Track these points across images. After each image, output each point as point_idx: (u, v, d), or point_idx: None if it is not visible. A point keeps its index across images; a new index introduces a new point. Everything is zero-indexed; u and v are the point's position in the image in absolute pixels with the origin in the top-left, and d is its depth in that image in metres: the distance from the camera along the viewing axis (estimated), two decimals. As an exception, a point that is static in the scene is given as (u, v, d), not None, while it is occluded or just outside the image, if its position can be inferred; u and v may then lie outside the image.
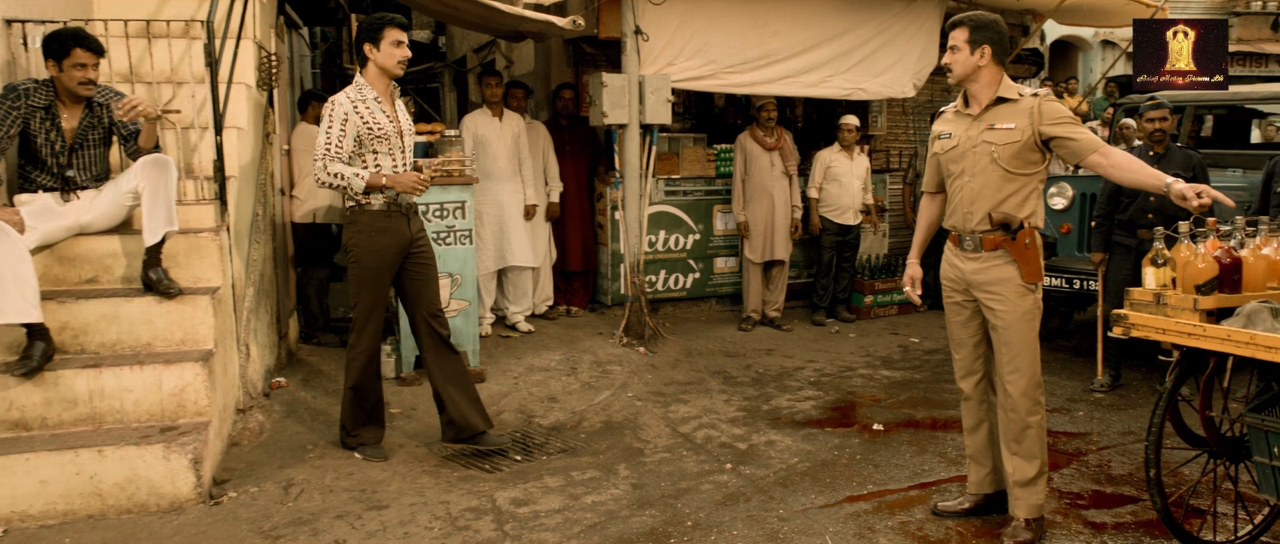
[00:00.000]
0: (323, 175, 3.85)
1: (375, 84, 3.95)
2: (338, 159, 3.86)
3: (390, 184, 3.91)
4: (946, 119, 3.43)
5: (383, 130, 3.92)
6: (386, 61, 3.91)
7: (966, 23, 3.23)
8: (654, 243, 7.23)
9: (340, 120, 3.86)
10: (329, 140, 3.85)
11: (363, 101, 3.90)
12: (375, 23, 3.91)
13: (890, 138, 8.94)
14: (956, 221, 3.35)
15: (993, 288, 3.26)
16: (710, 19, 6.55)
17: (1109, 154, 3.12)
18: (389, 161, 3.98)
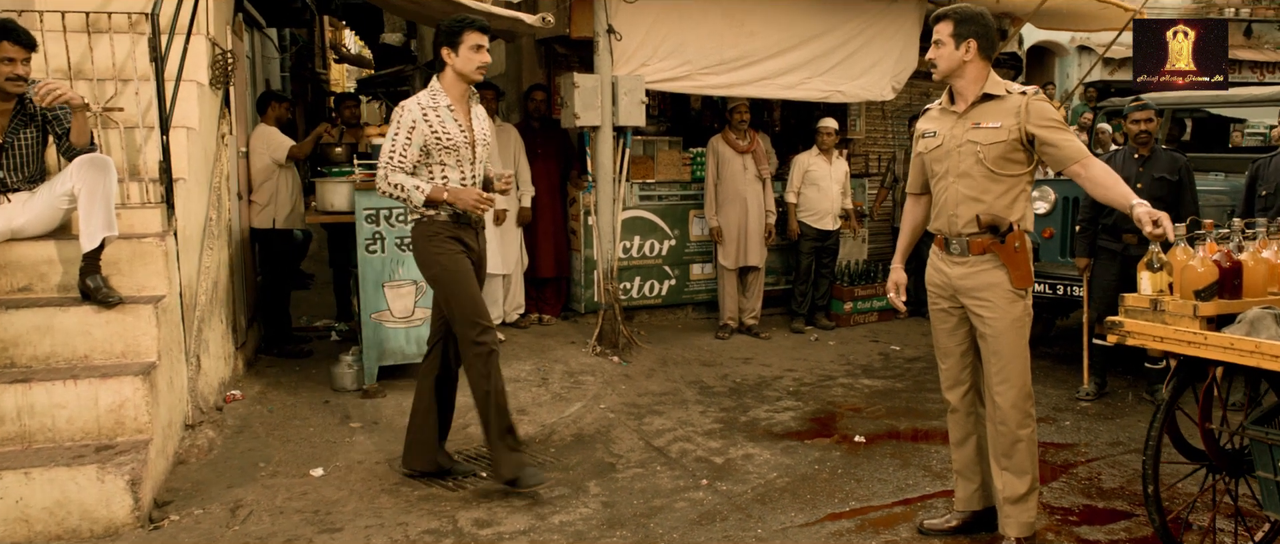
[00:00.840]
0: (383, 185, 3.60)
1: (451, 90, 3.69)
2: (400, 169, 3.59)
3: (451, 199, 3.61)
4: (931, 116, 3.27)
5: (452, 141, 3.64)
6: (465, 67, 3.63)
7: (951, 16, 3.07)
8: (628, 249, 7.03)
9: (407, 128, 3.59)
10: (393, 148, 3.58)
11: (435, 109, 3.63)
12: (454, 26, 3.62)
13: (869, 142, 8.80)
14: (942, 224, 3.18)
15: (981, 294, 3.10)
16: (685, 18, 6.38)
17: (1089, 166, 2.98)
18: (457, 174, 3.70)
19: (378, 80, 13.67)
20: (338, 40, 22.21)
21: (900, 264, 3.44)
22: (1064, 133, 2.99)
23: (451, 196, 3.62)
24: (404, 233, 5.10)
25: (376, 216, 5.05)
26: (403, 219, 5.11)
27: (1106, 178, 2.96)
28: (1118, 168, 5.13)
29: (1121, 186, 2.93)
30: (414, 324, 5.19)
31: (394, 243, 5.09)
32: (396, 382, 5.37)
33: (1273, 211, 4.93)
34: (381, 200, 5.04)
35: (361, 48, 20.66)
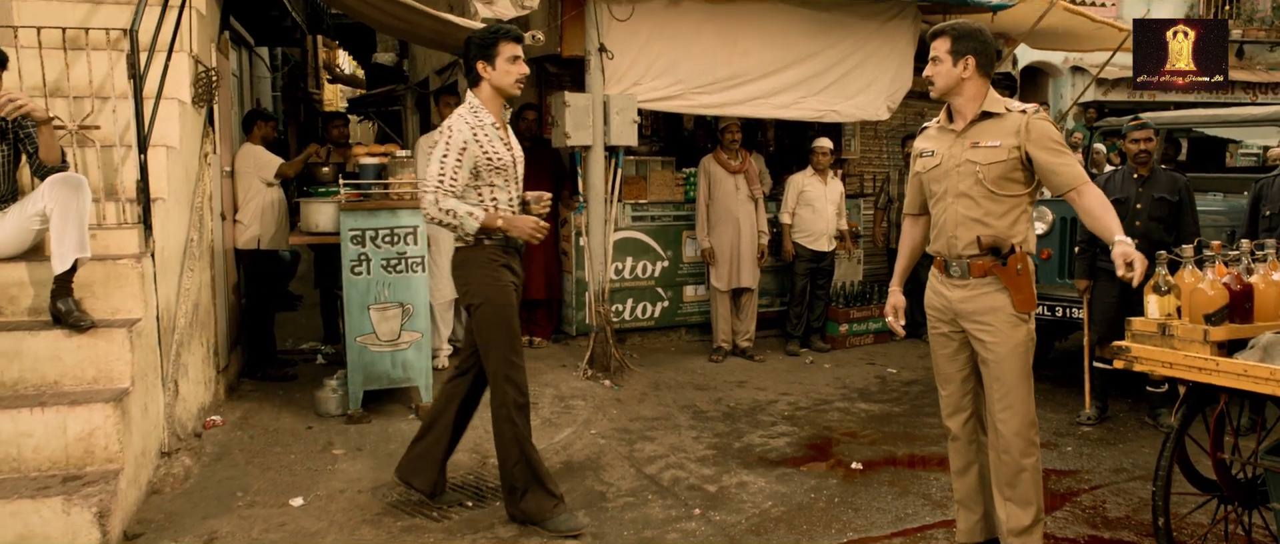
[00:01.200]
0: (433, 210, 3.33)
1: (490, 106, 3.47)
2: (452, 193, 3.34)
3: (506, 227, 3.41)
4: (929, 135, 3.18)
5: (501, 161, 3.44)
6: (503, 80, 3.43)
7: (949, 32, 2.98)
8: (620, 270, 6.92)
9: (458, 149, 3.34)
10: (443, 171, 3.33)
11: (481, 127, 3.40)
12: (488, 37, 3.41)
13: (863, 162, 8.73)
14: (941, 246, 3.09)
15: (982, 318, 2.99)
16: (678, 37, 6.31)
17: (1084, 193, 2.89)
18: (504, 196, 3.50)
19: (368, 100, 13.59)
20: (332, 60, 22.17)
21: (898, 287, 3.34)
22: (1063, 156, 2.91)
23: (506, 224, 3.40)
24: (389, 254, 4.99)
25: (362, 237, 4.94)
26: (389, 240, 5.00)
27: (1098, 207, 2.87)
28: (1117, 188, 5.05)
29: (1110, 219, 2.84)
30: (400, 348, 5.07)
31: (380, 264, 4.98)
32: (382, 406, 5.24)
33: (1278, 233, 4.84)
34: (367, 220, 4.93)
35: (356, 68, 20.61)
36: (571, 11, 6.08)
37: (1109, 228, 2.82)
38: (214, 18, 5.55)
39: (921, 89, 8.78)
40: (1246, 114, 6.93)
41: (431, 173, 3.37)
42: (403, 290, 5.05)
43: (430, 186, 3.36)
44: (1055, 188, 2.93)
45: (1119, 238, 2.76)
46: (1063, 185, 2.90)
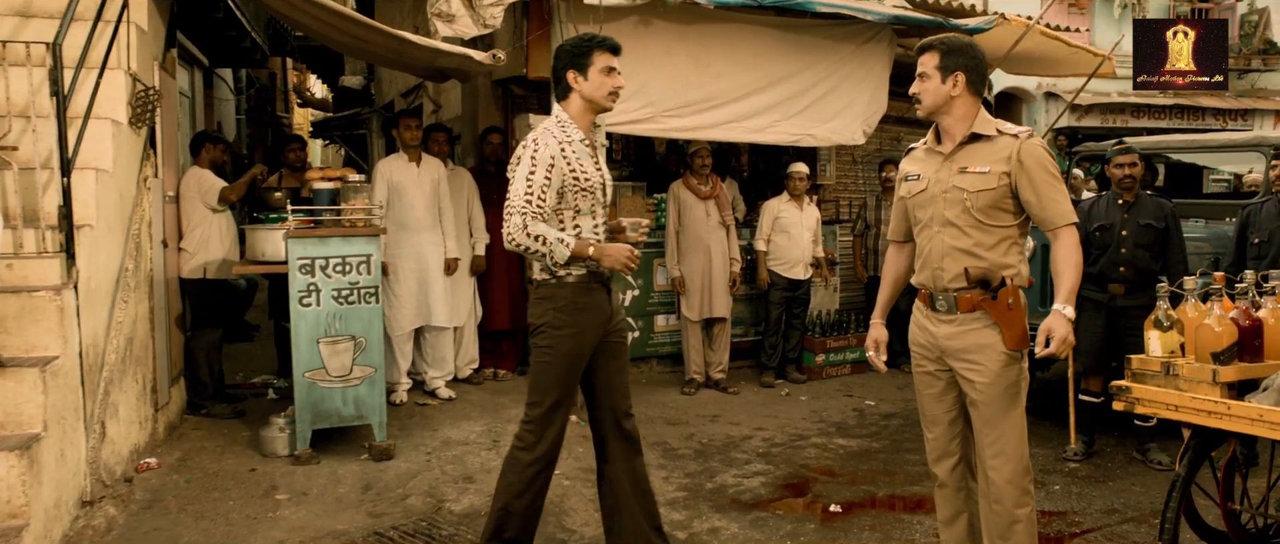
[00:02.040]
0: (519, 236, 2.93)
1: (579, 121, 3.14)
2: (540, 216, 2.96)
3: (597, 257, 3.02)
4: (915, 157, 2.96)
5: (590, 182, 3.09)
6: (596, 93, 3.10)
7: (938, 47, 2.78)
8: (589, 299, 6.64)
9: (545, 165, 2.98)
10: (530, 190, 2.95)
11: (569, 143, 3.07)
12: (581, 45, 3.10)
13: (840, 188, 8.55)
14: (927, 278, 2.86)
15: (970, 356, 2.76)
16: (648, 59, 6.09)
17: (1063, 238, 2.70)
18: (590, 222, 3.13)
19: (333, 123, 13.30)
20: (303, 84, 21.84)
21: (881, 319, 3.11)
22: (1055, 187, 2.69)
23: (598, 253, 3.01)
24: (341, 283, 4.70)
25: (311, 266, 4.65)
26: (341, 270, 4.71)
27: (1066, 258, 2.68)
28: (1101, 214, 4.88)
29: (1068, 277, 2.65)
30: (352, 384, 4.77)
31: (331, 295, 4.69)
32: (332, 446, 4.92)
33: (1267, 261, 4.69)
34: (317, 248, 4.65)
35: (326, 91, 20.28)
36: (537, 31, 5.85)
37: (1060, 286, 2.65)
38: (158, 34, 5.27)
39: (898, 114, 8.70)
40: (1226, 139, 6.84)
41: (516, 192, 2.97)
42: (355, 322, 4.76)
43: (516, 207, 2.96)
44: (1041, 221, 2.72)
45: (1058, 305, 2.60)
46: (1049, 220, 2.70)
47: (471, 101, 7.19)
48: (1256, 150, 6.23)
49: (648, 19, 6.07)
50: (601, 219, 3.20)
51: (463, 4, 5.21)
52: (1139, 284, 4.77)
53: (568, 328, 3.06)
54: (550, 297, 3.10)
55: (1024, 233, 2.78)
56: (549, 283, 3.11)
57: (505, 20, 6.25)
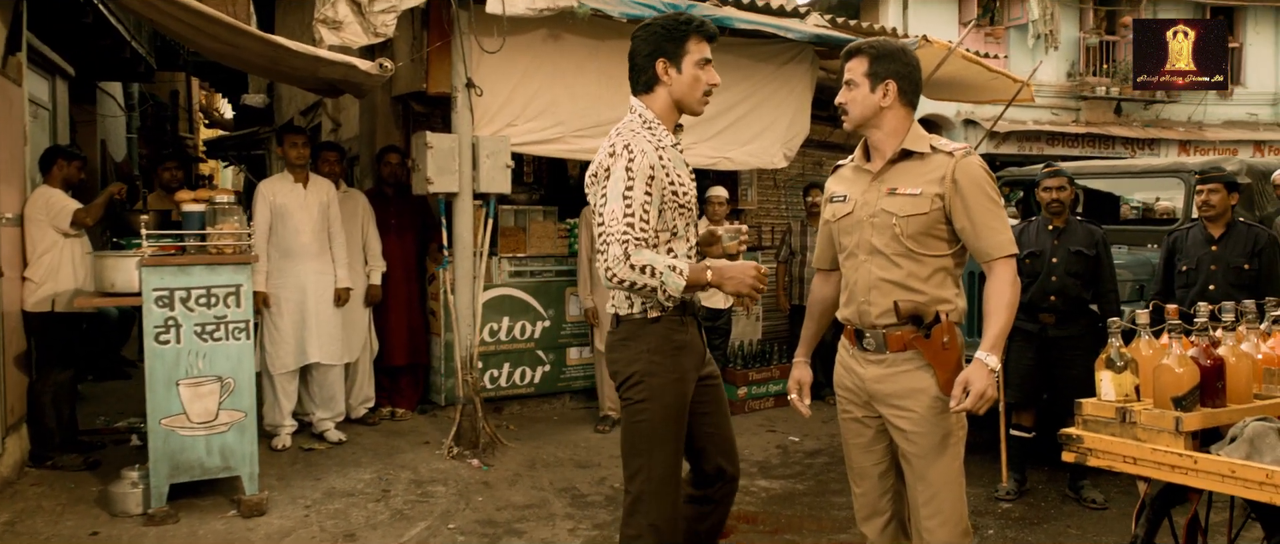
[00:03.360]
0: (621, 270, 2.37)
1: (666, 121, 2.58)
2: (645, 241, 2.40)
3: (717, 282, 2.45)
4: (842, 176, 2.64)
5: (689, 197, 2.55)
6: (689, 92, 2.55)
7: (866, 51, 2.46)
8: (496, 331, 6.20)
9: (645, 177, 2.41)
10: (630, 210, 2.38)
11: (664, 149, 2.51)
12: (676, 27, 2.51)
13: (762, 213, 8.29)
14: (852, 313, 2.52)
15: (901, 402, 2.42)
16: (558, 75, 5.72)
17: (1000, 272, 2.36)
18: (684, 242, 2.59)
19: (229, 142, 12.56)
20: (213, 104, 20.85)
21: (804, 358, 2.76)
22: (989, 213, 2.37)
23: (718, 277, 2.44)
24: (205, 318, 4.16)
25: (170, 299, 4.10)
26: (206, 302, 4.17)
27: (1000, 295, 2.35)
28: (1031, 240, 4.65)
29: (995, 323, 2.32)
30: (218, 430, 4.22)
31: (193, 331, 4.15)
32: (195, 501, 4.36)
33: (1196, 289, 4.52)
34: (177, 278, 4.11)
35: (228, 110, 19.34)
36: (437, 42, 5.42)
37: (987, 329, 2.33)
38: (-2, 37, 4.67)
39: (821, 137, 8.50)
40: (1147, 165, 6.78)
41: (612, 215, 2.40)
42: (222, 361, 4.22)
43: (614, 234, 2.38)
44: (976, 252, 2.40)
45: (981, 353, 2.28)
46: (984, 251, 2.38)
47: (370, 119, 6.70)
48: (1177, 176, 6.16)
49: (558, 33, 5.70)
50: (693, 243, 2.65)
51: (351, 10, 4.76)
52: (1070, 314, 4.55)
53: (666, 373, 2.50)
54: (637, 336, 2.52)
55: (961, 262, 2.46)
56: (633, 318, 2.53)
57: (403, 30, 5.82)
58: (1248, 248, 4.45)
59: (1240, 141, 15.85)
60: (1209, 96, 16.22)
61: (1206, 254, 4.53)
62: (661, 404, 2.51)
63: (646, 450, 2.52)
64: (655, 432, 2.52)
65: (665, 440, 2.53)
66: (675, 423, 2.55)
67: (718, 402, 2.74)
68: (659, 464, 2.52)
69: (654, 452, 2.52)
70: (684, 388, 2.56)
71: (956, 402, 2.26)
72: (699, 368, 2.64)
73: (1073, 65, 15.69)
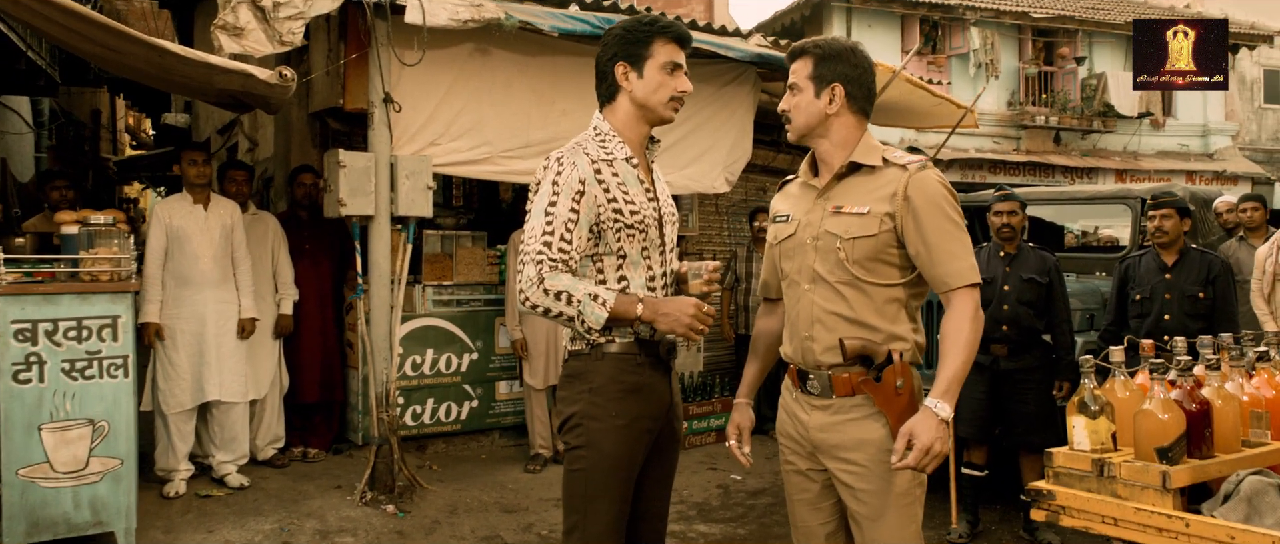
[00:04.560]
0: (533, 293, 2.13)
1: (627, 133, 2.30)
2: (564, 265, 2.16)
3: (649, 318, 2.15)
4: (788, 193, 2.34)
5: (639, 216, 2.25)
6: (653, 96, 2.27)
7: (810, 51, 2.17)
8: (419, 365, 5.79)
9: (571, 193, 2.18)
10: (550, 229, 2.16)
11: (610, 163, 2.25)
12: (638, 30, 2.27)
13: (703, 240, 8.01)
14: (794, 350, 2.21)
15: (848, 455, 2.11)
16: (485, 92, 5.37)
17: (956, 305, 2.08)
18: (643, 270, 2.29)
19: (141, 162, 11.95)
20: (142, 125, 20.04)
21: (746, 399, 2.43)
22: (947, 235, 2.07)
23: (651, 312, 2.15)
24: (75, 353, 3.70)
25: (32, 333, 3.64)
26: (76, 336, 3.71)
27: (953, 336, 2.06)
28: (982, 267, 4.37)
29: (950, 363, 2.03)
30: (87, 481, 3.75)
31: (60, 368, 3.68)
32: (61, 563, 3.86)
33: (1151, 318, 4.32)
34: (41, 309, 3.65)
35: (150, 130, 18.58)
36: (355, 53, 5.04)
37: (941, 370, 2.03)
38: None
39: (764, 162, 8.28)
40: (1094, 191, 6.70)
41: (531, 232, 2.18)
42: (94, 403, 3.76)
43: (529, 253, 2.16)
44: (933, 280, 2.10)
45: (931, 401, 1.99)
46: (941, 279, 2.08)
47: (284, 137, 6.28)
48: (1123, 203, 6.04)
49: (485, 47, 5.36)
50: (663, 269, 2.34)
51: (253, 15, 4.37)
52: (1022, 345, 4.33)
53: (609, 417, 2.21)
54: (582, 374, 2.25)
55: (918, 293, 2.16)
56: (582, 355, 2.26)
57: (319, 42, 5.46)
58: (1202, 276, 4.28)
59: (1173, 171, 16.18)
60: (1143, 126, 16.58)
61: (1160, 282, 4.35)
62: (600, 453, 2.21)
63: (582, 505, 2.23)
64: (592, 484, 2.22)
65: (603, 494, 2.22)
66: (617, 475, 2.23)
67: (664, 474, 2.40)
68: (594, 521, 2.22)
69: (590, 507, 2.22)
70: (631, 436, 2.24)
71: (898, 456, 1.95)
72: (659, 418, 2.31)
73: (1013, 94, 15.85)
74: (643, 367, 2.25)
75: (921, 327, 2.16)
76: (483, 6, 4.95)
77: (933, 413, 1.95)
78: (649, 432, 2.27)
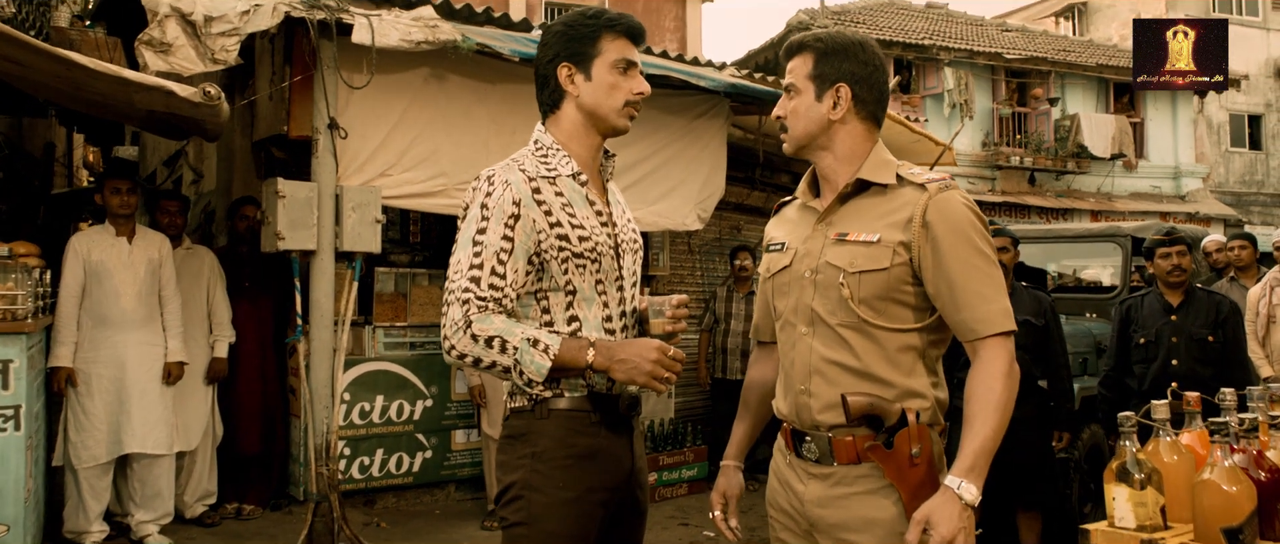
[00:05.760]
0: (459, 340, 1.75)
1: (574, 146, 1.95)
2: (496, 303, 1.79)
3: (602, 365, 1.77)
4: (785, 217, 2.00)
5: (590, 243, 1.88)
6: (605, 100, 1.91)
7: (811, 46, 1.83)
8: (367, 412, 5.35)
9: (503, 216, 1.81)
10: (479, 260, 1.79)
11: (552, 181, 1.89)
12: (581, 27, 1.93)
13: (675, 280, 7.65)
14: (788, 407, 1.84)
15: (852, 538, 1.74)
16: (440, 121, 5.02)
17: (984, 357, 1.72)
18: (597, 308, 1.90)
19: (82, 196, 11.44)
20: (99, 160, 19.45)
21: (734, 462, 2.04)
22: (975, 272, 1.70)
23: (604, 358, 1.77)
24: (-41, 405, 3.25)
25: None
26: (-37, 383, 3.27)
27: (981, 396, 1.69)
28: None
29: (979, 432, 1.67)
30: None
31: None
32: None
33: (1157, 364, 4.02)
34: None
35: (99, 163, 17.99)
36: (300, 76, 4.67)
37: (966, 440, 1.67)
38: None
39: (738, 200, 7.98)
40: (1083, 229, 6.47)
41: (456, 267, 1.82)
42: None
43: (454, 292, 1.78)
44: (956, 326, 1.73)
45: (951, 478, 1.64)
46: (966, 326, 1.70)
47: (227, 167, 5.88)
48: (1113, 240, 5.79)
49: (442, 73, 5.03)
50: (623, 307, 1.96)
51: (182, 30, 4.00)
52: (1020, 392, 3.99)
53: (555, 489, 1.82)
54: (524, 435, 1.86)
55: (940, 340, 1.80)
56: (524, 412, 1.87)
57: (264, 65, 5.10)
58: (1211, 318, 3.99)
59: (1147, 212, 16.16)
60: (1116, 168, 16.59)
61: (1166, 325, 4.05)
62: (543, 532, 1.83)
63: None
64: None
65: None
66: None
67: (632, 535, 2.01)
68: None
69: None
70: (580, 512, 1.85)
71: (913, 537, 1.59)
72: (619, 489, 1.93)
73: (988, 135, 15.80)
74: (597, 427, 1.87)
75: (944, 381, 1.80)
76: (438, 27, 4.62)
77: (955, 495, 1.59)
78: (604, 505, 1.88)
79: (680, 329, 1.93)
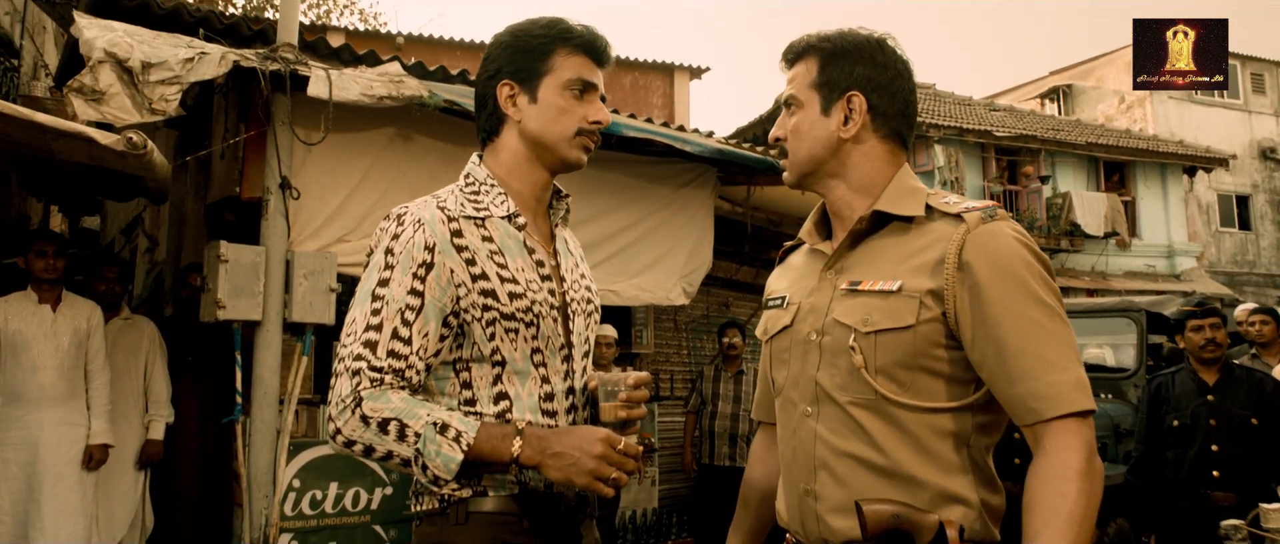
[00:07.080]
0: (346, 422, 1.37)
1: (514, 183, 1.59)
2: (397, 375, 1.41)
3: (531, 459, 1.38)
4: (790, 265, 1.60)
5: (525, 302, 1.50)
6: (552, 127, 1.56)
7: (815, 48, 1.46)
8: (320, 501, 4.84)
9: (412, 265, 1.44)
10: (377, 319, 1.42)
11: (479, 223, 1.52)
12: (531, 37, 1.57)
13: (659, 358, 7.23)
14: (789, 511, 1.42)
15: None
16: (404, 183, 4.67)
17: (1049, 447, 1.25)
18: (534, 384, 1.51)
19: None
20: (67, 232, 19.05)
21: None
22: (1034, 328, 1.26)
23: (535, 450, 1.39)
24: None
25: None
26: None
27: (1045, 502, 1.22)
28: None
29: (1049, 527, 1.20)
30: None
31: None
32: None
33: (1196, 448, 3.60)
34: None
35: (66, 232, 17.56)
36: (253, 131, 4.33)
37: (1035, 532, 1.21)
38: None
39: (727, 275, 7.62)
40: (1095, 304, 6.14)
41: (350, 329, 1.45)
42: None
43: (345, 360, 1.41)
44: (1008, 401, 1.28)
45: None
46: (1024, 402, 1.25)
47: (177, 233, 5.50)
48: (1126, 316, 5.43)
49: (407, 132, 4.70)
50: (569, 385, 1.55)
51: (118, 78, 3.64)
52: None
53: None
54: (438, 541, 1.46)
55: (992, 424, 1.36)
56: (434, 516, 1.47)
57: (220, 121, 4.76)
58: (1252, 398, 3.58)
59: (1142, 291, 15.88)
60: (1110, 246, 16.37)
61: (1203, 405, 3.64)
62: None
63: None
64: None
65: None
66: None
67: None
68: None
69: None
70: None
71: None
72: None
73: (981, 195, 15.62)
74: (529, 535, 1.44)
75: (996, 479, 1.37)
76: (403, 83, 4.31)
77: None
78: None
79: (638, 415, 1.50)
